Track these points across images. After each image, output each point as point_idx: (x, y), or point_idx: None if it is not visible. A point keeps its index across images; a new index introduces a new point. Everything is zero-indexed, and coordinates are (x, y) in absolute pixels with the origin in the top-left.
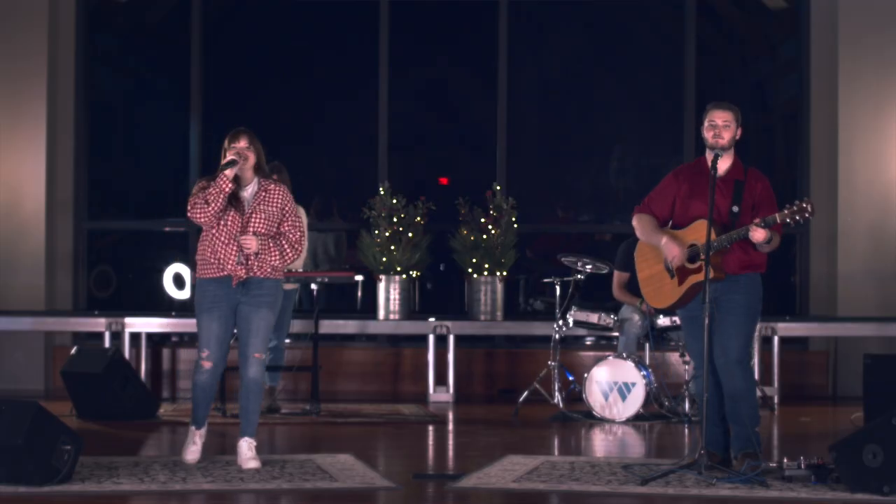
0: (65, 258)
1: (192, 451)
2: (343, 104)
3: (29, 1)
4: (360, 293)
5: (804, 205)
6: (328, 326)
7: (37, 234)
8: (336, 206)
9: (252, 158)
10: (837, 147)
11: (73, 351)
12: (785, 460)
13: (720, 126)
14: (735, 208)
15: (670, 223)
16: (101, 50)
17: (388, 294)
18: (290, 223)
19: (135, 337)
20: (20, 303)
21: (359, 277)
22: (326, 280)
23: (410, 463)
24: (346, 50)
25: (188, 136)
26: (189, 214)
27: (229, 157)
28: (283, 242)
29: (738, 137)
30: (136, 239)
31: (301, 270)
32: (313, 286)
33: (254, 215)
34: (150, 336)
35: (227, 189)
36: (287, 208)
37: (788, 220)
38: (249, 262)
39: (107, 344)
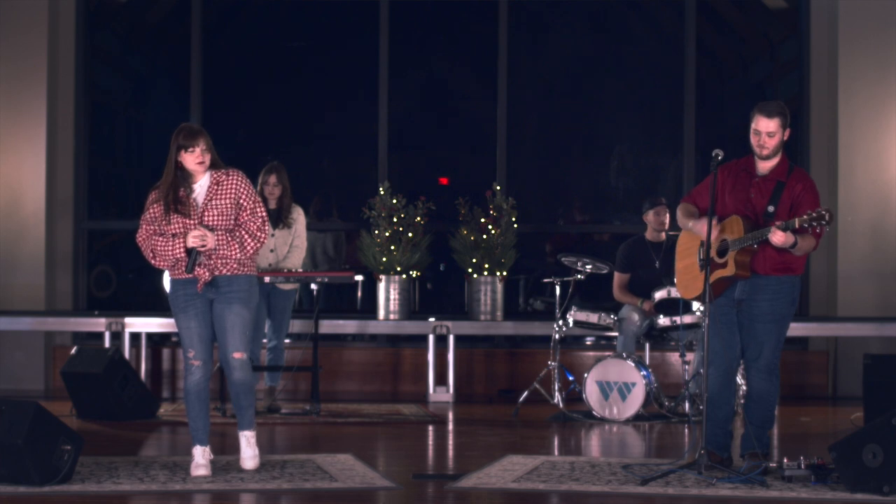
0: (65, 258)
1: (202, 467)
2: (343, 104)
3: (29, 1)
4: (360, 293)
5: (823, 212)
6: (328, 326)
7: (37, 234)
8: (336, 206)
9: (209, 158)
10: (837, 147)
11: (73, 351)
12: (785, 460)
13: (764, 134)
14: (771, 208)
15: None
16: (101, 50)
17: (388, 294)
18: (248, 213)
19: (135, 337)
20: (20, 303)
21: (359, 277)
22: (326, 280)
23: (410, 463)
24: (346, 50)
25: None
26: (137, 240)
27: (194, 244)
28: (242, 233)
29: (786, 138)
30: (135, 239)
31: (301, 270)
32: (313, 286)
33: (205, 213)
34: (150, 336)
35: (178, 256)
36: (243, 197)
37: (806, 226)
38: (211, 261)
39: (107, 344)
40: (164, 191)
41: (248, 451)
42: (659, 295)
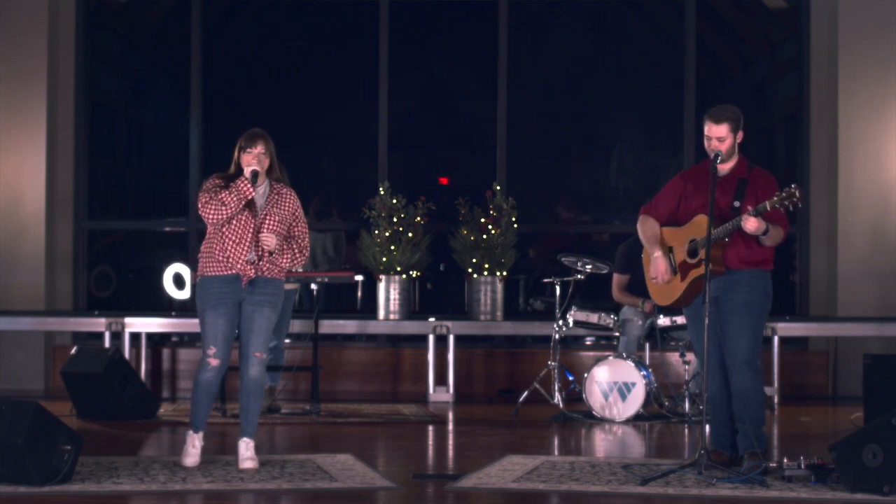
0: (65, 258)
1: (192, 455)
2: (343, 104)
3: (29, 1)
4: (360, 293)
5: (793, 189)
6: (328, 326)
7: (37, 234)
8: (336, 206)
9: (266, 163)
10: (837, 147)
11: (73, 351)
12: (785, 460)
13: (714, 139)
14: (736, 203)
15: (675, 221)
16: (101, 50)
17: (388, 294)
18: (300, 228)
19: (135, 337)
20: (20, 303)
21: (359, 277)
22: (326, 280)
23: (410, 463)
24: (346, 50)
25: (188, 135)
26: (201, 211)
27: (253, 167)
28: (294, 246)
29: (739, 140)
30: (136, 239)
31: (301, 270)
32: (313, 286)
33: (268, 217)
34: (150, 336)
35: (249, 196)
36: (298, 212)
37: (778, 206)
38: (261, 262)
39: (107, 344)
40: (225, 185)
41: (247, 454)
42: None
